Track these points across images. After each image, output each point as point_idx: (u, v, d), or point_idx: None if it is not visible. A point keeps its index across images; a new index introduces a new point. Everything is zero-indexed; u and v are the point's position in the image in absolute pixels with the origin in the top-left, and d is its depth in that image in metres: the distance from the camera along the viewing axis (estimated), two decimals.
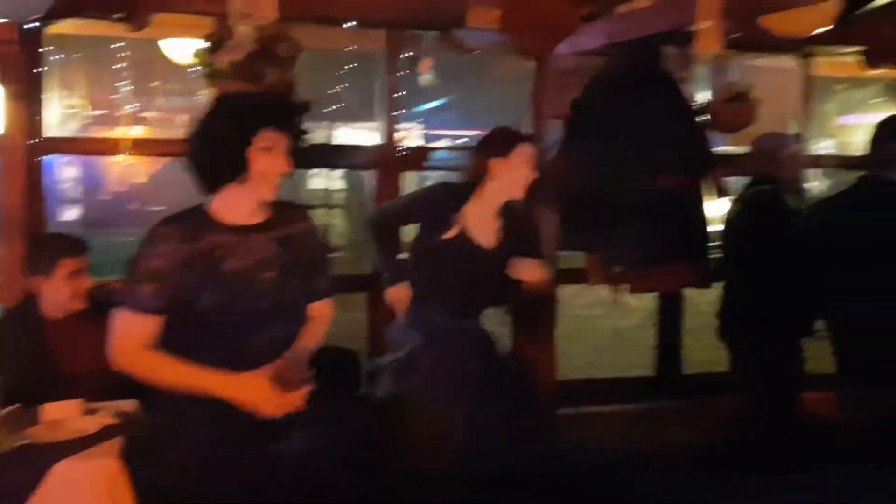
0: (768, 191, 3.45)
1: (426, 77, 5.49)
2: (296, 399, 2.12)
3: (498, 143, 2.97)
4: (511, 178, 2.93)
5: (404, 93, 3.92)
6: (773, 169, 3.50)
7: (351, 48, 4.96)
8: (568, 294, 3.95)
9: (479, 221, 2.94)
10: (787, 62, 4.46)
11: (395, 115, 3.81)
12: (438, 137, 13.85)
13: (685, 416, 3.97)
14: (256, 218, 2.21)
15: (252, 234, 2.19)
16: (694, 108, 3.78)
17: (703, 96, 4.00)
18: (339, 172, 12.29)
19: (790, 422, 3.48)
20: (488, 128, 3.09)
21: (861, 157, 3.51)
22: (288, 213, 2.31)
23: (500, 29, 3.52)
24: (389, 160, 3.75)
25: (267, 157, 2.12)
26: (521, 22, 3.52)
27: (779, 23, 2.88)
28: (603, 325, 4.59)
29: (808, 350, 3.48)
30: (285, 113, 2.20)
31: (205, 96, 3.10)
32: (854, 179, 3.36)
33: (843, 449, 3.12)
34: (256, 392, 2.09)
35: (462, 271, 2.90)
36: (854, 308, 3.14)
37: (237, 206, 2.18)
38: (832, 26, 3.06)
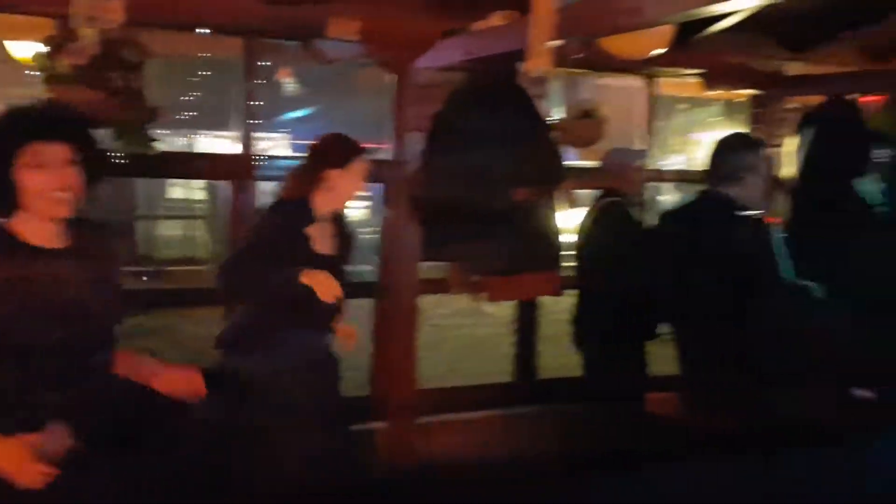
0: (615, 203, 3.64)
1: (290, 86, 5.43)
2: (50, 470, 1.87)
3: (336, 153, 2.93)
4: (346, 189, 2.92)
5: (263, 102, 3.87)
6: (619, 182, 3.70)
7: (207, 55, 4.84)
8: (428, 303, 4.01)
9: (320, 232, 2.93)
10: (634, 82, 4.72)
11: (253, 124, 3.75)
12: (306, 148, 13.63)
13: (541, 421, 4.11)
14: (58, 239, 2.03)
15: (53, 257, 2.00)
16: (547, 123, 3.94)
17: (556, 113, 4.17)
18: (199, 182, 11.87)
19: (638, 421, 3.67)
20: (359, 137, 3.05)
21: (702, 171, 3.73)
22: (92, 232, 2.12)
23: (361, 41, 3.54)
24: (245, 170, 3.69)
25: (39, 174, 1.92)
26: (381, 34, 3.56)
27: (617, 45, 3.04)
28: (463, 333, 4.70)
29: (657, 352, 3.69)
30: (57, 124, 1.98)
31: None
32: (696, 193, 3.59)
33: (686, 445, 3.31)
34: (11, 460, 1.84)
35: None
36: (694, 313, 3.32)
37: (33, 226, 1.99)
38: (666, 49, 3.25)
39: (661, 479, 2.68)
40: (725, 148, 3.36)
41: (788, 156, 4.57)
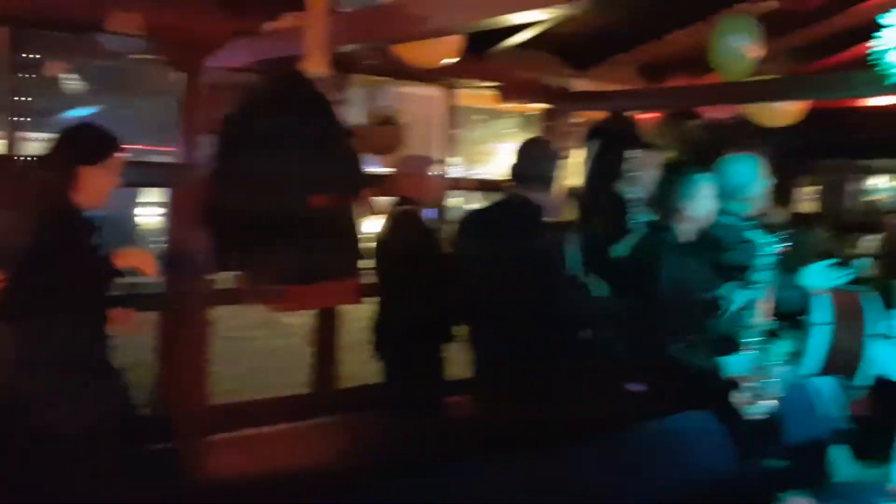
0: (410, 211, 3.66)
1: (71, 83, 5.02)
2: None
3: (90, 147, 2.70)
4: (99, 188, 2.70)
5: (33, 98, 3.54)
6: (414, 190, 3.73)
7: None
8: (222, 315, 3.83)
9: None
10: (434, 91, 4.80)
11: (19, 122, 3.41)
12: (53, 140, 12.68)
13: (341, 431, 4.05)
14: None
15: None
16: (346, 129, 3.89)
17: (356, 118, 4.14)
18: None
19: (440, 424, 3.71)
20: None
21: (499, 181, 3.84)
22: None
23: (145, 36, 3.32)
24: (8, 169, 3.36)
25: None
26: (167, 30, 3.37)
27: (409, 53, 3.06)
28: (259, 345, 4.54)
29: (455, 356, 3.75)
30: None
31: None
32: (498, 197, 3.67)
33: (478, 445, 3.38)
34: None
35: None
36: (490, 313, 3.38)
37: None
38: (458, 59, 3.31)
39: (452, 481, 2.72)
40: (532, 152, 3.45)
41: (576, 166, 4.85)
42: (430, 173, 3.86)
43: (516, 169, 3.40)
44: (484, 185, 5.03)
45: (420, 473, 2.88)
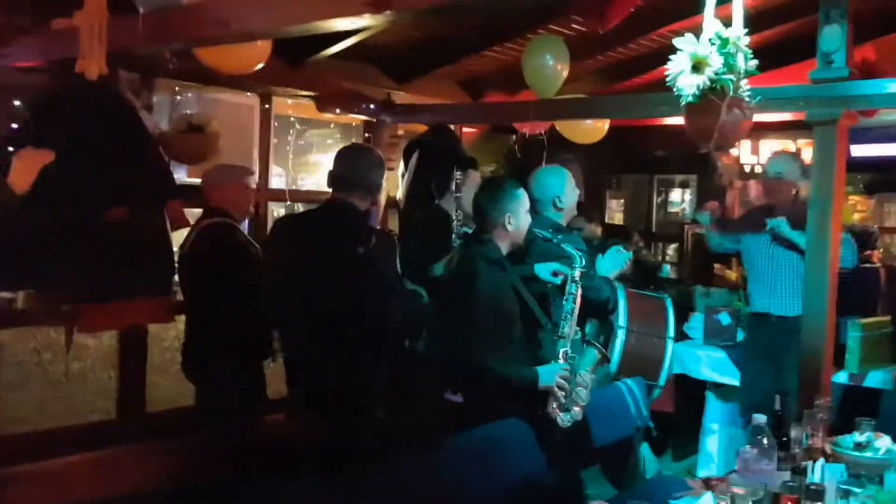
0: (222, 223, 3.50)
1: None
2: None
3: None
4: None
5: None
6: (224, 201, 3.56)
7: None
8: (9, 338, 3.49)
9: None
10: (250, 99, 4.64)
11: None
12: None
13: (150, 457, 3.79)
14: None
15: None
16: (151, 136, 3.66)
17: (163, 125, 3.92)
18: None
19: (252, 445, 3.55)
20: None
21: (316, 192, 3.73)
22: None
23: None
24: None
25: None
26: None
27: (212, 57, 2.93)
28: (54, 369, 4.17)
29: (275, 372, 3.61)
30: None
31: None
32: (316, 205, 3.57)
33: (298, 463, 3.28)
34: None
35: None
36: (300, 331, 3.26)
37: None
38: (263, 65, 3.20)
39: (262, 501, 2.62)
40: (353, 158, 3.33)
41: (398, 178, 4.86)
42: (242, 184, 3.71)
43: (336, 175, 3.29)
44: (308, 196, 4.92)
45: (232, 498, 2.75)
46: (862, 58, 3.69)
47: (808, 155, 6.06)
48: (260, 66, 3.23)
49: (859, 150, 5.20)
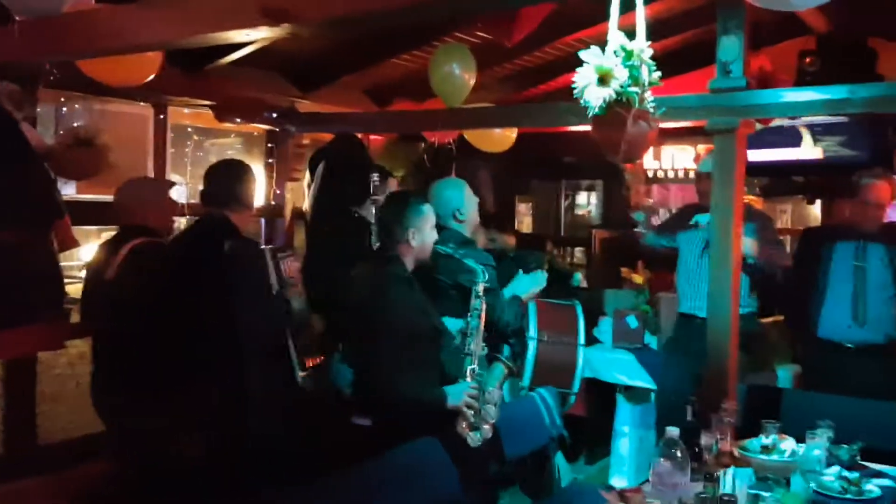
0: (150, 243, 3.29)
1: None
2: None
3: None
4: None
5: None
6: (146, 218, 3.36)
7: None
8: None
9: None
10: (144, 109, 4.43)
11: None
12: None
13: (43, 492, 3.56)
14: None
15: None
16: (35, 151, 3.42)
17: (47, 139, 3.68)
18: None
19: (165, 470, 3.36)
20: None
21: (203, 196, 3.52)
22: None
23: None
24: None
25: None
26: None
27: (100, 70, 2.76)
28: None
29: None
30: None
31: None
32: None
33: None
34: None
35: None
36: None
37: None
38: (157, 75, 3.05)
39: None
40: (228, 173, 3.28)
41: (304, 189, 4.73)
42: (165, 198, 3.53)
43: (206, 191, 3.26)
44: None
45: None
46: (758, 66, 3.79)
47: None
48: (150, 77, 3.06)
49: (756, 156, 5.37)
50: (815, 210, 6.34)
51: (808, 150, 5.28)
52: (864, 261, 3.98)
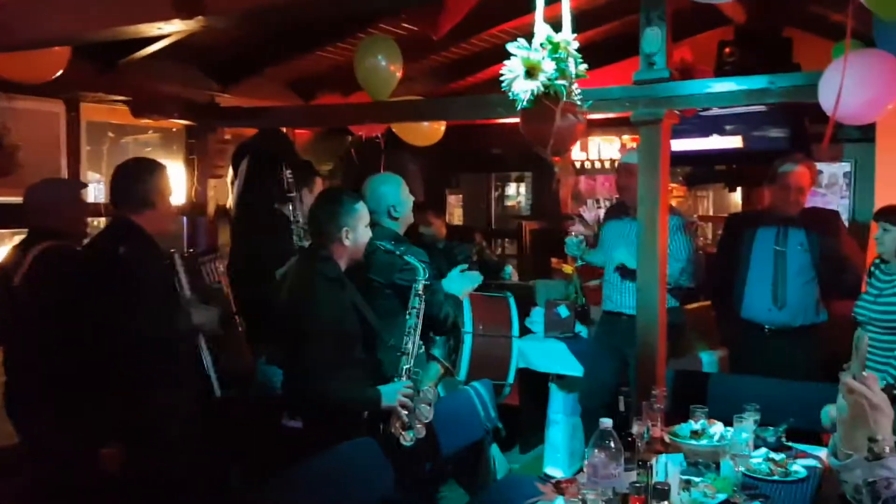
0: (54, 246, 3.12)
1: None
2: None
3: None
4: None
5: None
6: (56, 221, 3.19)
7: None
8: None
9: None
10: (54, 105, 4.23)
11: None
12: None
13: None
14: None
15: None
16: None
17: None
18: None
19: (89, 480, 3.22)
20: None
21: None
22: None
23: None
24: None
25: None
26: None
27: (1, 66, 2.60)
28: None
29: None
30: None
31: None
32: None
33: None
34: None
35: None
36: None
37: None
38: (67, 70, 2.90)
39: None
40: (130, 173, 3.07)
41: (228, 186, 4.61)
42: (76, 200, 3.35)
43: (111, 193, 3.07)
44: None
45: None
46: (680, 57, 3.85)
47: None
48: (59, 73, 2.91)
49: (677, 145, 5.46)
50: (736, 197, 6.52)
51: (728, 139, 5.40)
52: (784, 245, 4.10)
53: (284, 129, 5.04)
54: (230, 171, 4.43)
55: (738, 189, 6.07)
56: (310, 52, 4.73)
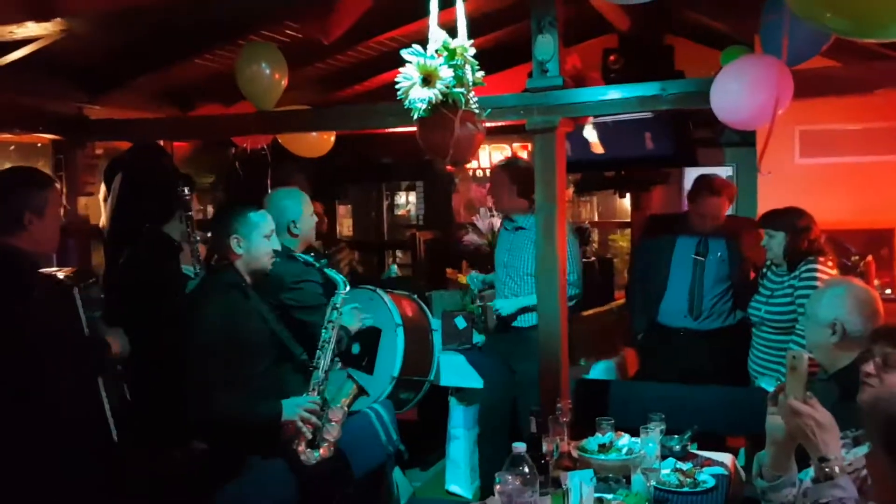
0: None
1: None
2: None
3: None
4: None
5: None
6: None
7: None
8: None
9: None
10: None
11: None
12: None
13: None
14: None
15: None
16: None
17: None
18: None
19: None
20: None
21: None
22: None
23: None
24: None
25: None
26: None
27: None
28: None
29: None
30: None
31: None
32: None
33: None
34: None
35: None
36: None
37: None
38: None
39: None
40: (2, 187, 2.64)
41: (101, 203, 4.26)
42: None
43: None
44: None
45: None
46: (572, 65, 3.83)
47: (523, 156, 6.39)
48: None
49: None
50: (625, 203, 6.62)
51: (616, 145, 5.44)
52: (704, 255, 4.14)
53: (161, 142, 4.73)
54: (102, 188, 4.09)
55: (628, 195, 6.16)
56: (186, 59, 4.45)
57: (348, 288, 3.06)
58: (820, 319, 2.60)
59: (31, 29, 1.81)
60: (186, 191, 3.52)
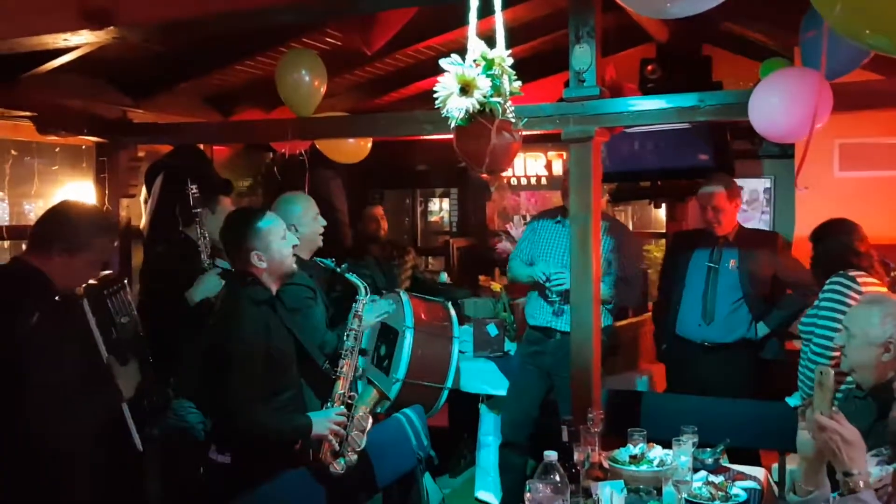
0: None
1: None
2: None
3: None
4: None
5: None
6: None
7: None
8: None
9: None
10: None
11: None
12: None
13: None
14: None
15: None
16: None
17: None
18: None
19: None
20: None
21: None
22: None
23: None
24: None
25: None
26: None
27: None
28: None
29: None
30: None
31: None
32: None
33: None
34: None
35: None
36: None
37: None
38: None
39: None
40: (58, 215, 2.57)
41: (141, 205, 4.35)
42: None
43: (35, 232, 2.57)
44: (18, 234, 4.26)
45: None
46: (608, 75, 3.84)
47: (558, 165, 6.39)
48: None
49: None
50: (661, 214, 6.58)
51: (653, 156, 5.42)
52: (717, 262, 4.14)
53: (202, 146, 4.81)
54: (143, 190, 4.18)
55: (663, 205, 6.12)
56: (228, 65, 4.54)
57: (369, 294, 3.06)
58: (871, 339, 2.50)
59: (84, 36, 1.87)
60: (195, 189, 3.58)
